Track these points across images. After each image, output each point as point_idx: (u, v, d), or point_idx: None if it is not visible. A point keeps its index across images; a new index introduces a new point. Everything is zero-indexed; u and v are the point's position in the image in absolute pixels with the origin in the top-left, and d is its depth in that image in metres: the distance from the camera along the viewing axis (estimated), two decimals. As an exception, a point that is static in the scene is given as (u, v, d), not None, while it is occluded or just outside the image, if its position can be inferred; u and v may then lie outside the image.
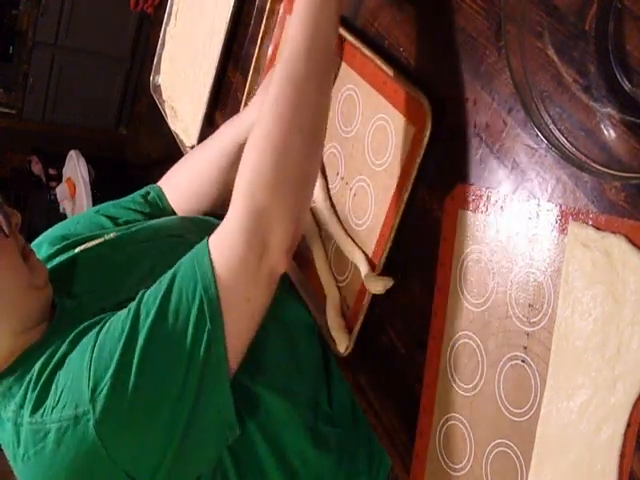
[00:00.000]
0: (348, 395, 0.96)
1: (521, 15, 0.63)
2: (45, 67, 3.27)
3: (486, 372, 0.72)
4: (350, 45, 0.92)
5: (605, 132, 0.59)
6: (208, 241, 0.76)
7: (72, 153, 2.99)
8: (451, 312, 0.77)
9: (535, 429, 0.65)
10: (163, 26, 1.68)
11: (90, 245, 0.93)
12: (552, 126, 0.62)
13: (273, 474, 0.87)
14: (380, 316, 0.89)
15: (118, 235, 0.94)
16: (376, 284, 0.84)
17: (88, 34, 3.22)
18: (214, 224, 1.07)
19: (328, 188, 0.98)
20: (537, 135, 0.63)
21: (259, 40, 1.16)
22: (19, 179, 3.38)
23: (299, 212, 0.77)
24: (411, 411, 0.83)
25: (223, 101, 1.39)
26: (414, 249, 0.83)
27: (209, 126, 1.43)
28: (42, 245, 0.97)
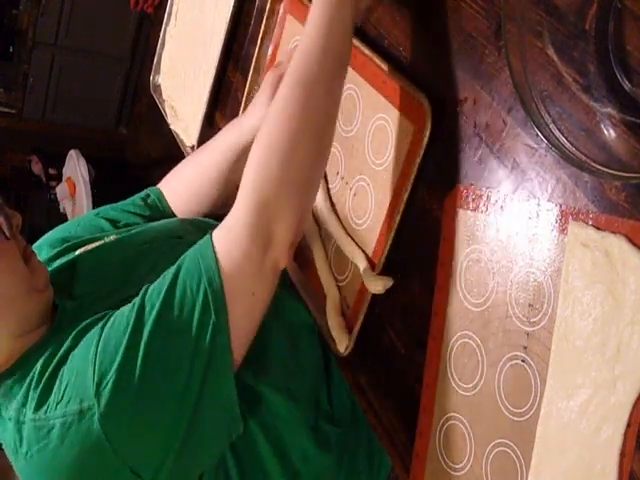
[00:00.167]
0: (348, 395, 0.96)
1: (521, 15, 0.63)
2: (45, 67, 3.27)
3: (486, 372, 0.72)
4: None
5: (605, 132, 0.59)
6: (212, 235, 0.76)
7: (72, 153, 2.99)
8: (451, 312, 0.77)
9: (535, 429, 0.65)
10: (163, 26, 1.68)
11: (90, 247, 0.93)
12: (552, 126, 0.62)
13: (275, 474, 0.87)
14: (380, 316, 0.89)
15: (118, 237, 0.94)
16: (376, 284, 0.84)
17: (88, 34, 3.22)
18: (214, 225, 1.07)
19: (328, 188, 0.98)
20: (537, 135, 0.63)
21: (259, 40, 1.16)
22: (19, 179, 3.37)
23: (303, 210, 0.78)
24: (411, 411, 0.83)
25: (223, 101, 1.39)
26: (414, 249, 0.83)
27: (209, 126, 1.43)
28: (42, 248, 0.97)
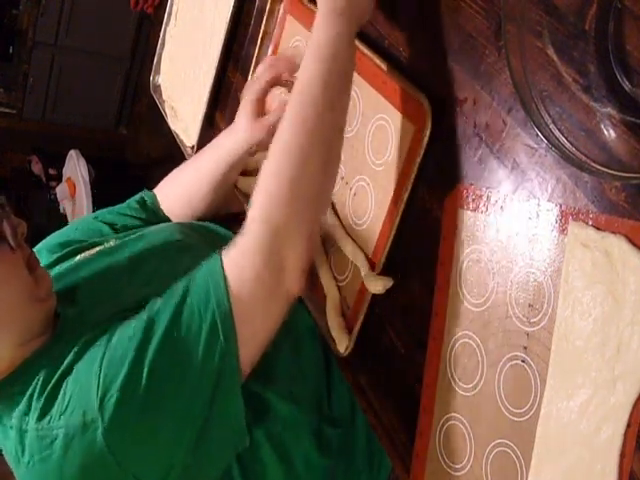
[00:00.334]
0: (348, 395, 0.96)
1: (521, 15, 0.63)
2: (45, 67, 3.27)
3: (486, 372, 0.72)
4: (350, 45, 0.92)
5: (605, 132, 0.59)
6: (222, 255, 0.75)
7: (72, 153, 2.99)
8: (451, 312, 0.77)
9: (535, 429, 0.65)
10: (163, 26, 1.68)
11: (90, 253, 0.93)
12: (552, 126, 0.61)
13: None
14: (380, 316, 0.89)
15: (118, 243, 0.94)
16: (376, 284, 0.84)
17: (88, 34, 3.22)
18: (212, 229, 1.07)
19: (328, 188, 0.98)
20: (537, 135, 0.63)
21: (259, 40, 1.16)
22: (19, 179, 3.37)
23: (313, 230, 0.77)
24: (411, 411, 0.82)
25: (223, 101, 1.39)
26: (414, 249, 0.83)
27: (209, 126, 1.43)
28: (41, 253, 0.96)
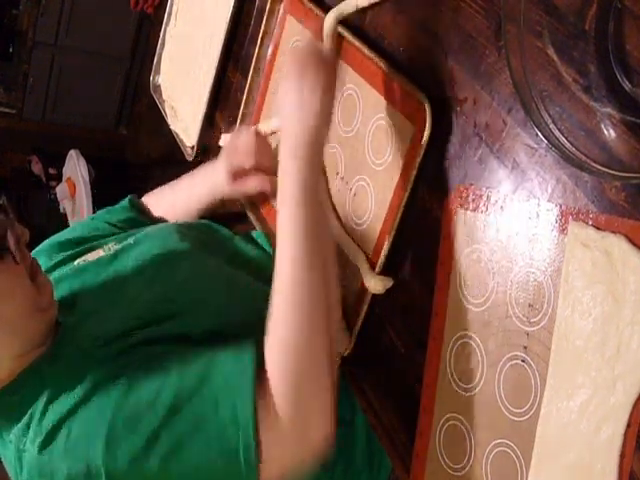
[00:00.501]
0: (347, 394, 0.96)
1: (521, 15, 0.63)
2: (45, 67, 3.26)
3: (486, 372, 0.72)
4: (350, 45, 0.92)
5: (605, 132, 0.59)
6: (254, 385, 0.70)
7: (72, 153, 2.98)
8: (451, 312, 0.77)
9: (535, 429, 0.65)
10: (163, 26, 1.68)
11: (89, 258, 0.92)
12: (552, 126, 0.61)
13: None
14: (380, 316, 0.89)
15: (117, 248, 0.93)
16: (376, 284, 0.84)
17: (88, 34, 3.21)
18: (210, 227, 1.07)
19: (328, 188, 0.97)
20: (537, 135, 0.63)
21: (259, 40, 1.16)
22: (19, 179, 3.37)
23: (333, 378, 0.75)
24: (411, 411, 0.83)
25: (223, 101, 1.39)
26: (414, 249, 0.83)
27: (209, 126, 1.43)
28: (39, 257, 0.94)
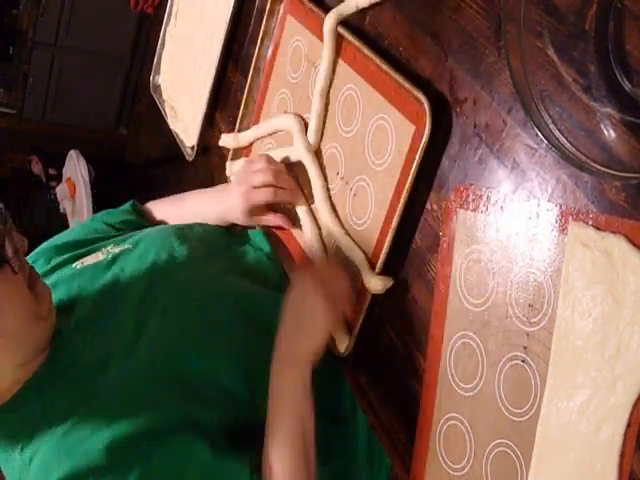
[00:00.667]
0: (349, 393, 0.96)
1: (521, 15, 0.63)
2: (45, 67, 3.27)
3: (486, 372, 0.72)
4: (350, 45, 0.92)
5: (605, 132, 0.59)
6: None
7: (72, 153, 2.98)
8: (451, 312, 0.77)
9: (535, 429, 0.65)
10: (163, 26, 1.68)
11: (88, 262, 0.91)
12: (552, 126, 0.61)
13: None
14: (380, 316, 0.89)
15: (116, 253, 0.92)
16: (376, 284, 0.84)
17: (88, 34, 3.21)
18: (213, 232, 1.07)
19: (328, 188, 0.98)
20: (537, 135, 0.63)
21: (259, 40, 1.15)
22: (19, 179, 3.37)
23: None
24: (411, 411, 0.83)
25: (223, 101, 1.39)
26: (414, 249, 0.83)
27: (209, 126, 1.43)
28: (38, 261, 0.95)
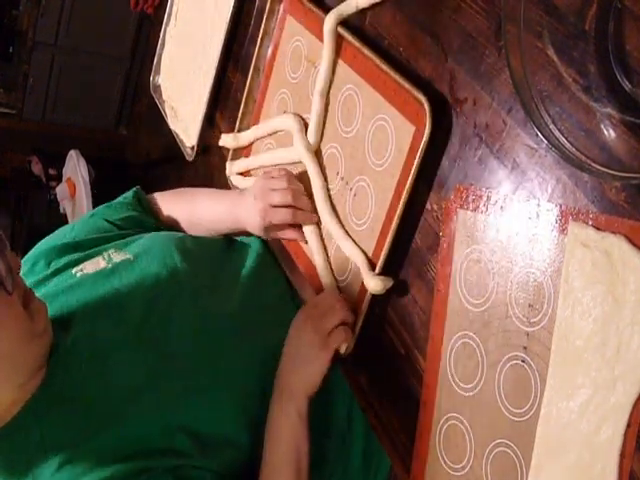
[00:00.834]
0: (347, 394, 0.96)
1: (521, 15, 0.63)
2: (45, 67, 3.27)
3: (486, 372, 0.72)
4: (350, 45, 0.92)
5: (605, 132, 0.59)
6: None
7: (72, 153, 2.98)
8: (451, 312, 0.77)
9: (535, 429, 0.65)
10: (163, 26, 1.68)
11: (88, 270, 0.89)
12: (552, 126, 0.61)
13: None
14: (380, 316, 0.89)
15: (115, 262, 0.90)
16: (376, 284, 0.84)
17: (88, 34, 3.21)
18: (217, 242, 1.06)
19: (328, 188, 0.97)
20: (537, 135, 0.63)
21: (259, 40, 1.15)
22: (19, 179, 3.37)
23: None
24: (411, 411, 0.83)
25: (223, 101, 1.39)
26: (414, 249, 0.83)
27: (209, 126, 1.43)
28: (38, 263, 0.93)
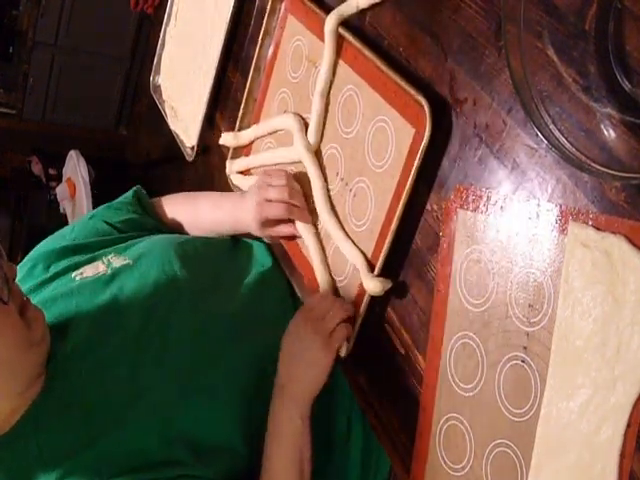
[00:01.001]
0: (347, 394, 0.96)
1: (521, 15, 0.63)
2: (45, 67, 3.27)
3: (486, 372, 0.72)
4: (351, 46, 0.92)
5: (605, 132, 0.59)
6: None
7: (72, 153, 2.98)
8: (451, 312, 0.77)
9: (535, 429, 0.65)
10: (163, 26, 1.68)
11: (87, 274, 0.89)
12: (552, 126, 0.61)
13: None
14: (380, 316, 0.89)
15: (115, 268, 0.90)
16: (375, 286, 0.84)
17: (88, 34, 3.21)
18: (218, 246, 1.06)
19: (328, 189, 0.97)
20: (537, 135, 0.63)
21: (260, 39, 1.15)
22: (19, 179, 3.37)
23: None
24: (411, 411, 0.83)
25: (223, 101, 1.39)
26: (414, 249, 0.83)
27: (209, 126, 1.43)
28: (37, 266, 0.92)
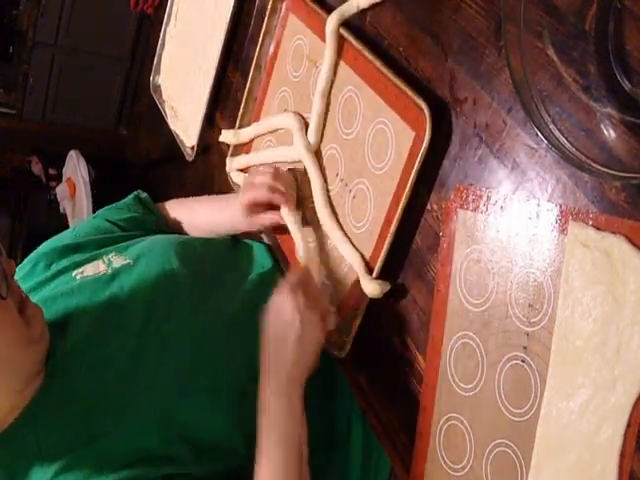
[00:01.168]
0: (347, 395, 0.96)
1: (521, 15, 0.63)
2: (45, 67, 3.27)
3: (486, 372, 0.72)
4: (352, 47, 0.92)
5: (605, 132, 0.59)
6: None
7: (72, 153, 2.98)
8: (451, 312, 0.77)
9: (535, 429, 0.65)
10: (163, 26, 1.68)
11: (88, 273, 0.89)
12: (552, 126, 0.62)
13: None
14: (380, 316, 0.89)
15: (115, 267, 0.89)
16: (373, 288, 0.84)
17: (88, 34, 3.21)
18: (218, 247, 1.05)
19: (327, 189, 0.97)
20: (537, 135, 0.63)
21: (260, 39, 1.15)
22: (19, 179, 3.37)
23: None
24: (411, 411, 0.83)
25: (223, 101, 1.39)
26: (414, 249, 0.83)
27: (209, 126, 1.43)
28: (39, 264, 0.92)
